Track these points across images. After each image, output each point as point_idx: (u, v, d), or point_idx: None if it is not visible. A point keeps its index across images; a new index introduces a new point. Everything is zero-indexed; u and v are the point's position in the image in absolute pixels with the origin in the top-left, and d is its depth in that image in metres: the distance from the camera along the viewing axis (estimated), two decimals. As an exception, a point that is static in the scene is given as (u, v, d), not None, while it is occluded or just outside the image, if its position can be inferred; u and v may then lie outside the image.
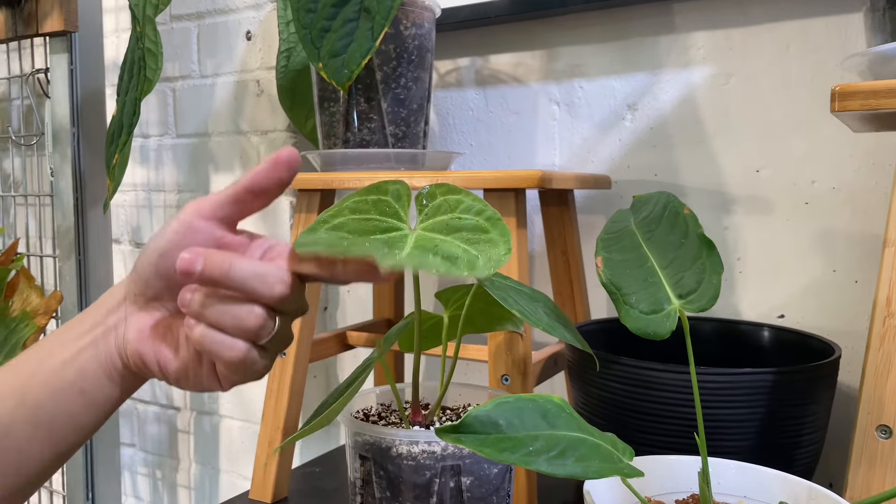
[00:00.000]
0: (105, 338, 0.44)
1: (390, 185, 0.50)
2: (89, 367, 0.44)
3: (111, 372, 0.44)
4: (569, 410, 0.47)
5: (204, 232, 0.43)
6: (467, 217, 0.47)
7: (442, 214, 0.48)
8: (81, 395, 0.44)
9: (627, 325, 0.50)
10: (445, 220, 0.47)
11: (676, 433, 0.61)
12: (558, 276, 0.92)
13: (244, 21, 1.20)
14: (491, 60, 1.03)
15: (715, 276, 0.49)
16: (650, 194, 0.58)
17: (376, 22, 0.78)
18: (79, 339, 0.44)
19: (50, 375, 0.43)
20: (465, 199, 0.49)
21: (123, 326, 0.44)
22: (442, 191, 0.50)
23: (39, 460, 0.44)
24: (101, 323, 0.45)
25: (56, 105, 1.10)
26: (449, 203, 0.48)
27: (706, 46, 0.89)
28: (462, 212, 0.47)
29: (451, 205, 0.48)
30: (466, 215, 0.47)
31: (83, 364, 0.44)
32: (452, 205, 0.48)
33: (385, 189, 0.49)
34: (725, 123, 0.88)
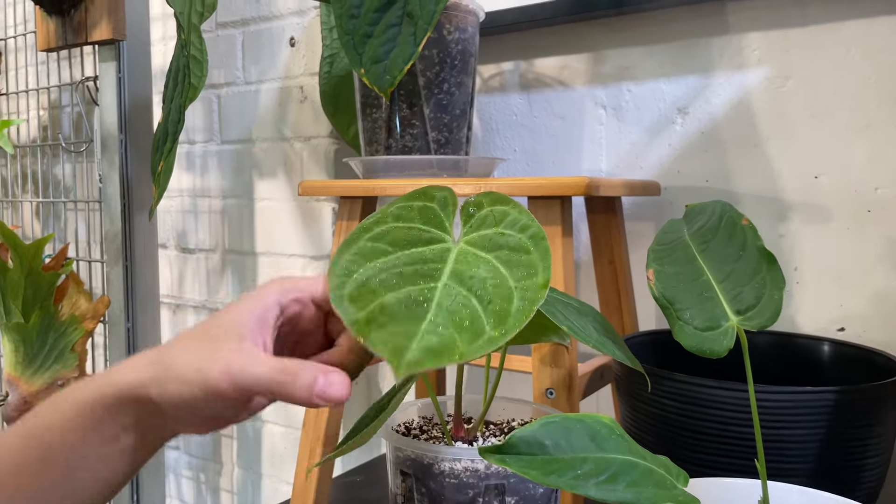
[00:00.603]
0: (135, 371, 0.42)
1: (437, 191, 0.48)
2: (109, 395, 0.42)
3: None
4: (619, 432, 0.45)
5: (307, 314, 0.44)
6: (510, 233, 0.45)
7: (486, 228, 0.46)
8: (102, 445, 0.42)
9: (681, 342, 0.48)
10: (489, 234, 0.46)
11: (731, 454, 0.58)
12: (605, 286, 0.89)
13: (288, 27, 1.20)
14: (535, 64, 1.01)
15: (776, 292, 0.47)
16: (704, 203, 0.56)
17: (419, 27, 0.77)
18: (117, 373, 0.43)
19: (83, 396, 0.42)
20: (512, 212, 0.47)
21: None
22: (489, 200, 0.48)
23: None
24: None
25: (104, 112, 1.12)
26: (495, 215, 0.47)
27: (761, 47, 0.85)
28: (507, 226, 0.46)
29: (496, 217, 0.47)
30: (510, 231, 0.46)
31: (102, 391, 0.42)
32: (498, 217, 0.47)
33: (431, 195, 0.48)
34: (782, 127, 0.84)
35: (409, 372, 0.37)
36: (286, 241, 1.23)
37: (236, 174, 1.29)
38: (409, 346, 0.38)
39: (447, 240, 0.46)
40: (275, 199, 1.24)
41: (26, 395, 1.18)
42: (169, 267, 1.41)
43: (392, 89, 0.78)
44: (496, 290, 0.41)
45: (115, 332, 1.16)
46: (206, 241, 1.35)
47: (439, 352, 0.38)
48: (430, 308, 0.41)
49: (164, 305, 1.43)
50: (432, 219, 0.47)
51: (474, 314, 0.41)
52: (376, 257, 0.44)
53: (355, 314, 0.40)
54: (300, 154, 1.20)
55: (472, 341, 0.39)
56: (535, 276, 0.42)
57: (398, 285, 0.42)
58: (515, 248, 0.44)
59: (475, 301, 0.41)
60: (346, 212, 0.85)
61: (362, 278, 0.42)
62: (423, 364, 0.37)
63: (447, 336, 0.39)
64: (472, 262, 0.44)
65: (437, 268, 0.43)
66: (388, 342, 0.38)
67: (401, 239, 0.45)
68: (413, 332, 0.39)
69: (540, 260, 0.43)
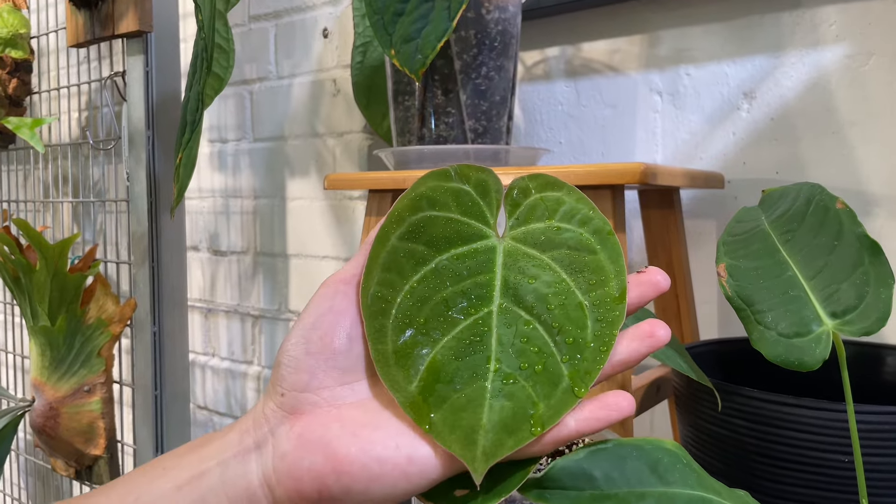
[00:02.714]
0: (240, 460, 0.32)
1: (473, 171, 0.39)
2: (211, 498, 0.32)
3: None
4: (686, 460, 0.37)
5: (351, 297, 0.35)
6: (568, 228, 0.36)
7: (537, 220, 0.37)
8: None
9: (762, 352, 0.39)
10: (541, 228, 0.37)
11: (819, 485, 0.49)
12: (661, 290, 0.80)
13: (321, 18, 1.14)
14: (583, 49, 0.93)
15: (884, 290, 0.38)
16: (787, 186, 0.47)
17: (454, 0, 0.70)
18: (204, 460, 0.33)
19: (157, 500, 0.32)
20: (567, 199, 0.38)
21: (271, 443, 0.32)
22: (537, 185, 0.39)
23: None
24: (234, 445, 0.33)
25: (132, 108, 1.08)
26: (546, 204, 0.38)
27: (839, 22, 0.76)
28: (562, 218, 0.37)
29: (548, 206, 0.38)
30: (567, 224, 0.36)
31: (204, 493, 0.32)
32: (551, 206, 0.37)
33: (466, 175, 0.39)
34: (865, 111, 0.74)
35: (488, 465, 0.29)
36: (318, 243, 1.17)
37: (268, 173, 1.24)
38: (479, 424, 0.30)
39: (490, 235, 0.37)
40: (307, 198, 1.19)
41: (52, 400, 1.15)
42: (201, 270, 1.37)
43: (423, 70, 0.71)
44: (563, 310, 0.33)
45: (140, 336, 1.12)
46: (238, 244, 1.30)
47: (515, 425, 0.30)
48: (490, 351, 0.33)
49: (196, 309, 1.39)
50: (470, 207, 0.38)
51: (544, 351, 0.32)
52: (414, 271, 0.36)
53: (407, 389, 0.32)
54: (333, 151, 1.14)
55: (550, 394, 0.31)
56: (607, 285, 0.34)
57: (446, 323, 0.34)
58: (577, 246, 0.35)
59: (542, 330, 0.33)
60: (374, 206, 0.78)
61: (403, 316, 0.34)
62: (503, 450, 0.29)
63: (519, 395, 0.31)
64: (524, 268, 0.35)
65: (485, 281, 0.35)
66: (455, 428, 0.30)
67: (439, 236, 0.37)
68: (479, 398, 0.31)
69: (610, 262, 0.35)
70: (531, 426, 0.30)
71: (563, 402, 0.31)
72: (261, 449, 0.33)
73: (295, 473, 0.31)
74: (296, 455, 0.31)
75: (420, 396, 0.32)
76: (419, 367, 0.33)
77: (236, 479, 0.32)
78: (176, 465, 0.34)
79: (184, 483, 0.33)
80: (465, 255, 0.36)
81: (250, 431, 0.33)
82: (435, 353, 0.33)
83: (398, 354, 0.33)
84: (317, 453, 0.31)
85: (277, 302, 1.24)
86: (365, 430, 0.31)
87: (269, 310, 1.26)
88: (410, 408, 0.31)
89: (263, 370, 1.28)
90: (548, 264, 0.35)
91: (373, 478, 0.30)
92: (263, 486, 0.32)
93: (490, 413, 0.30)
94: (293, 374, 0.33)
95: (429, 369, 0.32)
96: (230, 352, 1.34)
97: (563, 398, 0.31)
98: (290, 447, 0.31)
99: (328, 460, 0.30)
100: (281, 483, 0.31)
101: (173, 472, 0.33)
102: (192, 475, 0.33)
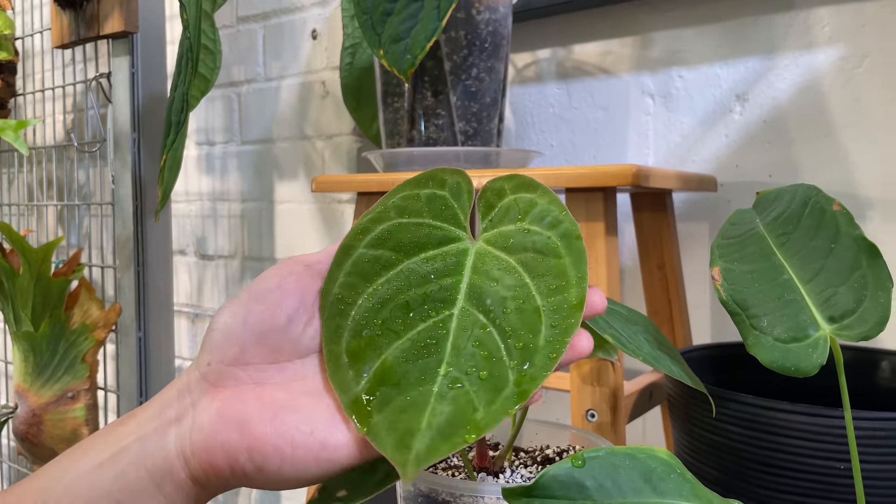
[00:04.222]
0: (160, 433, 0.32)
1: (448, 175, 0.39)
2: (132, 473, 0.32)
3: (162, 480, 0.32)
4: (679, 470, 0.36)
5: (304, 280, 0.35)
6: (537, 230, 0.35)
7: (509, 223, 0.36)
8: None
9: (758, 357, 0.38)
10: (512, 230, 0.36)
11: (815, 493, 0.48)
12: (654, 295, 0.79)
13: (310, 19, 1.13)
14: (575, 51, 0.92)
15: (882, 293, 0.37)
16: (782, 188, 0.46)
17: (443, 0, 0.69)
18: (124, 437, 0.33)
19: (78, 480, 0.32)
20: (540, 201, 0.37)
21: (191, 415, 0.32)
22: (512, 186, 0.38)
23: None
24: (155, 418, 0.33)
25: (117, 110, 1.06)
26: (520, 205, 0.37)
27: (832, 24, 0.75)
28: (533, 220, 0.36)
29: (521, 208, 0.37)
30: (537, 227, 0.36)
31: (124, 468, 0.32)
32: (524, 208, 0.37)
33: (442, 180, 0.39)
34: (858, 113, 0.74)
35: (419, 469, 0.28)
36: (307, 246, 1.16)
37: (256, 176, 1.22)
38: (418, 428, 0.29)
39: (463, 237, 0.37)
40: (295, 201, 1.17)
41: (35, 407, 1.13)
42: (188, 274, 1.35)
43: (413, 70, 0.70)
44: (519, 314, 0.33)
45: (125, 341, 1.10)
46: (226, 247, 1.28)
47: (451, 431, 0.29)
48: (443, 356, 0.32)
49: (183, 314, 1.37)
50: (443, 211, 0.38)
51: (494, 356, 0.31)
52: (378, 274, 0.35)
53: (353, 391, 0.31)
54: (322, 153, 1.12)
55: (492, 401, 0.30)
56: (567, 291, 0.33)
57: (404, 326, 0.33)
58: (543, 250, 0.35)
59: (496, 334, 0.32)
60: (363, 209, 0.77)
61: (360, 318, 0.34)
62: (436, 455, 0.28)
63: (461, 400, 0.30)
64: (490, 271, 0.35)
65: (451, 284, 0.34)
66: (392, 431, 0.29)
67: (407, 241, 0.36)
68: (423, 402, 0.30)
69: (574, 268, 0.33)
70: (467, 432, 0.29)
71: (503, 409, 0.30)
72: (181, 421, 0.32)
73: (210, 447, 0.31)
74: (212, 429, 0.31)
75: (364, 398, 0.31)
76: (369, 368, 0.32)
77: (155, 452, 0.32)
78: (98, 444, 0.33)
79: (104, 460, 0.32)
80: (434, 258, 0.36)
81: (173, 404, 0.33)
82: (387, 355, 0.32)
83: (350, 355, 0.33)
84: (232, 429, 0.31)
85: (265, 307, 1.23)
86: (283, 412, 0.31)
87: (258, 315, 1.24)
88: (353, 408, 0.31)
89: (251, 376, 1.26)
90: (514, 267, 0.34)
91: (284, 459, 0.30)
92: (180, 458, 0.32)
93: (430, 417, 0.30)
94: (224, 344, 0.33)
95: (378, 371, 0.32)
96: (218, 357, 1.32)
97: (504, 405, 0.30)
98: (207, 421, 0.32)
99: (243, 438, 0.31)
100: (196, 455, 0.31)
101: (94, 452, 0.33)
102: (113, 452, 0.32)
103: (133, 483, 0.32)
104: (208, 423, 0.31)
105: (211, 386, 0.33)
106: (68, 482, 0.32)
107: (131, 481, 0.32)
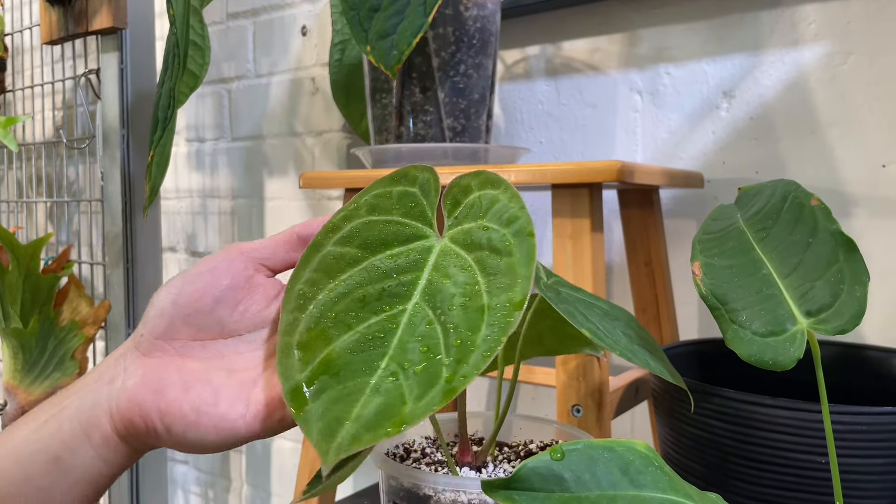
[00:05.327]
0: (95, 392, 0.36)
1: (419, 171, 0.39)
2: (67, 426, 0.35)
3: (91, 432, 0.35)
4: (657, 463, 0.36)
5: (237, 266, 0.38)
6: (494, 228, 0.36)
7: (471, 220, 0.37)
8: (56, 463, 0.35)
9: (737, 351, 0.39)
10: (472, 228, 0.37)
11: (795, 486, 0.48)
12: (641, 291, 0.80)
13: (300, 16, 1.13)
14: (563, 48, 0.92)
15: (858, 287, 0.37)
16: (762, 184, 0.46)
17: (430, -4, 0.69)
18: (66, 397, 0.37)
19: (23, 439, 0.36)
20: (502, 198, 0.37)
21: (121, 378, 0.36)
22: (478, 183, 0.39)
23: None
24: (93, 381, 0.37)
25: (106, 106, 1.06)
26: (482, 202, 0.37)
27: (818, 21, 0.75)
28: (492, 218, 0.36)
29: (483, 205, 0.37)
30: (494, 224, 0.36)
31: (61, 423, 0.35)
32: (486, 205, 0.37)
33: (413, 177, 0.39)
34: (843, 110, 0.74)
35: (339, 458, 0.29)
36: (297, 244, 1.16)
37: (246, 173, 1.22)
38: (347, 417, 0.30)
39: (430, 235, 0.37)
40: (285, 197, 1.17)
41: (25, 404, 1.12)
42: (178, 271, 1.35)
43: (399, 66, 0.70)
44: (464, 311, 0.33)
45: (115, 338, 1.10)
46: (216, 244, 1.28)
47: (376, 423, 0.30)
48: (388, 350, 0.32)
49: (174, 312, 1.37)
50: (412, 208, 0.38)
51: (432, 351, 0.32)
52: (342, 271, 0.36)
53: (294, 378, 0.32)
54: (312, 150, 1.12)
55: (422, 395, 0.30)
56: (512, 290, 0.33)
57: (356, 320, 0.34)
58: (497, 247, 0.35)
59: (439, 330, 0.33)
60: (350, 206, 0.77)
61: (317, 312, 0.34)
62: (358, 444, 0.29)
63: (394, 392, 0.31)
64: (447, 268, 0.35)
65: (410, 280, 0.35)
66: (321, 419, 0.30)
67: (374, 239, 0.37)
68: (357, 394, 0.31)
69: (522, 266, 0.34)
70: (391, 424, 0.30)
71: (429, 404, 0.30)
72: (112, 382, 0.36)
73: (130, 406, 0.35)
74: (134, 391, 0.35)
75: (304, 385, 0.32)
76: (315, 359, 0.33)
77: (88, 408, 0.36)
78: (44, 408, 0.37)
79: (48, 418, 0.36)
80: (398, 255, 0.36)
81: (110, 368, 0.37)
82: (334, 346, 0.33)
83: (300, 346, 0.33)
84: (150, 393, 0.35)
85: (256, 303, 1.23)
86: (197, 384, 0.36)
87: (248, 311, 1.24)
88: (291, 395, 0.31)
89: (242, 373, 1.26)
90: (470, 265, 0.35)
91: (189, 425, 0.35)
92: (107, 414, 0.36)
93: (362, 408, 0.30)
94: (156, 319, 0.37)
95: (323, 361, 0.32)
96: (208, 354, 1.32)
97: (431, 400, 0.30)
98: (132, 384, 0.36)
99: (156, 401, 0.35)
100: (119, 412, 0.35)
101: (40, 414, 0.36)
102: (56, 411, 0.36)
103: (68, 436, 0.35)
104: (132, 386, 0.35)
105: (141, 355, 0.37)
106: (12, 444, 0.36)
107: (66, 434, 0.35)
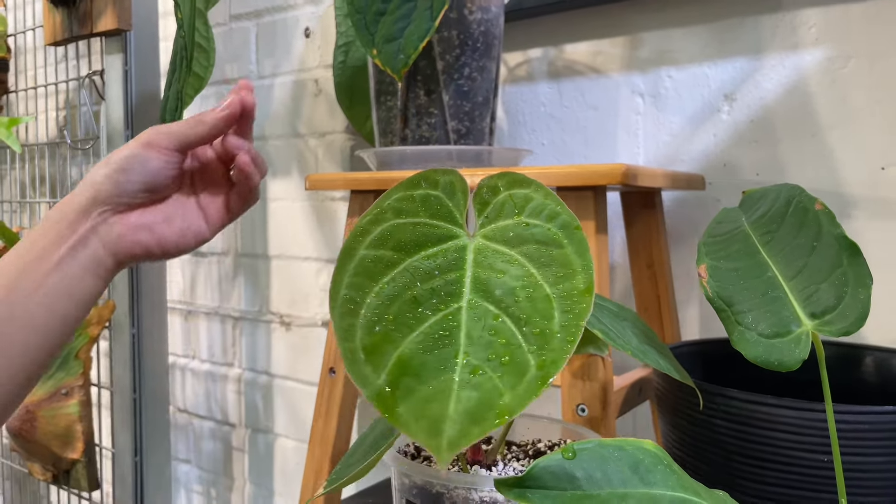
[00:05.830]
0: (84, 244, 0.48)
1: (440, 175, 0.40)
2: (73, 272, 0.47)
3: (98, 270, 0.48)
4: (666, 461, 0.37)
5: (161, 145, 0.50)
6: (536, 223, 0.37)
7: (506, 218, 0.38)
8: (69, 298, 0.47)
9: (743, 352, 0.39)
10: (510, 225, 0.37)
11: (799, 485, 0.49)
12: (643, 293, 0.81)
13: (303, 17, 1.13)
14: (566, 50, 0.93)
15: (862, 290, 0.38)
16: (767, 187, 0.47)
17: (436, 0, 0.69)
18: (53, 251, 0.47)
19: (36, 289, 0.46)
20: (535, 196, 0.38)
21: (106, 228, 0.48)
22: (505, 183, 0.40)
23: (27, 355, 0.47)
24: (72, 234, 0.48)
25: (110, 107, 1.06)
26: (514, 200, 0.39)
27: (819, 25, 0.76)
28: (531, 214, 0.37)
29: (517, 203, 0.38)
30: (535, 220, 0.37)
31: (66, 271, 0.47)
32: (519, 203, 0.38)
33: (434, 180, 0.40)
34: (843, 113, 0.75)
35: (454, 453, 0.30)
36: (300, 244, 1.17)
37: (250, 174, 1.23)
38: (446, 414, 0.31)
39: (461, 234, 0.38)
40: (288, 198, 1.18)
41: (29, 403, 1.13)
42: (181, 271, 1.36)
43: (406, 70, 0.70)
44: (531, 302, 0.34)
45: (119, 338, 1.10)
46: (219, 245, 1.29)
47: (481, 415, 0.30)
48: (458, 345, 0.33)
49: (176, 311, 1.37)
50: (439, 210, 0.39)
51: (512, 342, 0.33)
52: (382, 273, 0.36)
53: (375, 383, 0.33)
54: (315, 151, 1.13)
55: (516, 385, 0.31)
56: (574, 278, 0.34)
57: (415, 319, 0.34)
58: (545, 241, 0.36)
59: (510, 322, 0.33)
60: (357, 207, 0.78)
61: (371, 315, 0.35)
62: (468, 439, 0.30)
63: (486, 385, 0.32)
64: (494, 264, 0.36)
65: (455, 278, 0.36)
66: (420, 418, 0.31)
67: (407, 240, 0.38)
68: (446, 390, 0.32)
69: (577, 256, 0.35)
70: (496, 416, 0.30)
71: (529, 392, 0.31)
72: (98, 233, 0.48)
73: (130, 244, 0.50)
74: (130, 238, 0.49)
75: (387, 389, 0.32)
76: (387, 361, 0.33)
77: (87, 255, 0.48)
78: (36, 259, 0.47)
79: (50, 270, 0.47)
80: (435, 255, 0.37)
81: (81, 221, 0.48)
82: (403, 348, 0.34)
83: (367, 351, 0.34)
84: (144, 233, 0.50)
85: (258, 304, 1.24)
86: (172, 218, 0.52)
87: (250, 311, 1.25)
88: (377, 400, 0.32)
89: (244, 372, 1.27)
90: (517, 259, 0.36)
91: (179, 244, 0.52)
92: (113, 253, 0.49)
93: (457, 404, 0.31)
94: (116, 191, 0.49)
95: (396, 363, 0.33)
96: (210, 354, 1.32)
97: (529, 387, 0.31)
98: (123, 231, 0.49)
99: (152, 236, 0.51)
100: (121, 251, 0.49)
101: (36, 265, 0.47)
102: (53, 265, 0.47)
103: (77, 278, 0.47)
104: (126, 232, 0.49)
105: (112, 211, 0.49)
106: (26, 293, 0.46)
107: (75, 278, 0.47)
